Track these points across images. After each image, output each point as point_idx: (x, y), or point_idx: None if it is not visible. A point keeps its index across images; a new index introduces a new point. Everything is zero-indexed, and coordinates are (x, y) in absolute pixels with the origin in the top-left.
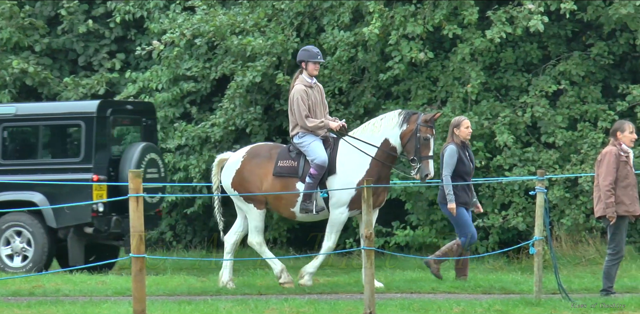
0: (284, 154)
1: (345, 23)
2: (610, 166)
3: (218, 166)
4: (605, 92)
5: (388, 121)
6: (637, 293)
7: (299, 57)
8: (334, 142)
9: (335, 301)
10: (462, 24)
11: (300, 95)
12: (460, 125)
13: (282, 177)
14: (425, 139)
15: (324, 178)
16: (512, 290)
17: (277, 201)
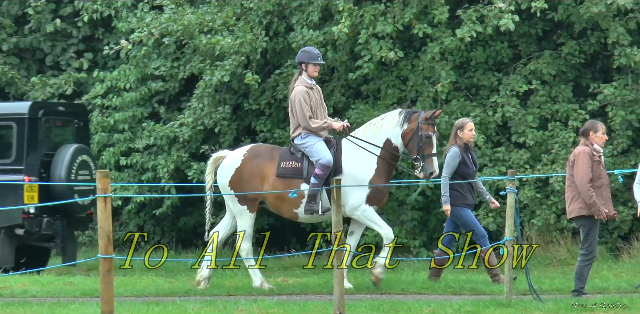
0: (287, 155)
1: (314, 22)
2: (586, 165)
3: (213, 165)
4: (576, 92)
5: (389, 121)
6: (609, 294)
7: (298, 59)
8: (337, 143)
9: (304, 302)
10: (432, 23)
11: (303, 96)
12: (464, 127)
13: (285, 178)
14: (427, 137)
15: (329, 178)
16: (483, 291)
17: (279, 202)
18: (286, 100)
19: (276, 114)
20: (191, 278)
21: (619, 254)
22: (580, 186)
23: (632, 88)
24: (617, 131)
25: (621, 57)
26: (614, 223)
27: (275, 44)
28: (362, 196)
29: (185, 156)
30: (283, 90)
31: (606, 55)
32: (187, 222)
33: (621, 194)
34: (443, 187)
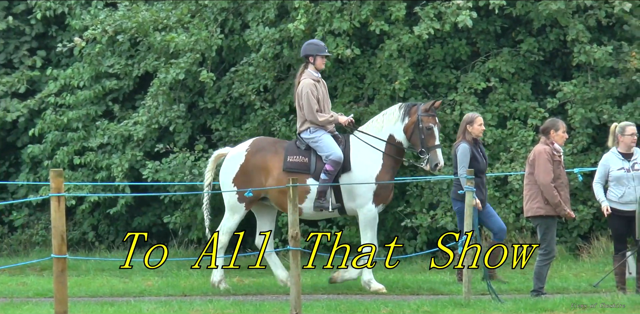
0: (293, 149)
1: (270, 19)
2: (547, 164)
3: (214, 162)
4: (535, 89)
5: (389, 116)
6: (568, 294)
7: (305, 52)
8: (345, 139)
9: (260, 302)
10: (389, 20)
11: (310, 89)
12: (473, 122)
13: (291, 173)
14: (428, 128)
15: (338, 175)
16: (441, 291)
17: (282, 197)
18: (242, 98)
19: (232, 113)
20: (145, 278)
21: (579, 254)
22: (543, 186)
23: (591, 86)
24: (576, 129)
25: (581, 55)
26: (574, 222)
27: (231, 42)
28: (369, 193)
29: (140, 155)
30: (238, 88)
31: (565, 52)
32: (141, 222)
33: (581, 193)
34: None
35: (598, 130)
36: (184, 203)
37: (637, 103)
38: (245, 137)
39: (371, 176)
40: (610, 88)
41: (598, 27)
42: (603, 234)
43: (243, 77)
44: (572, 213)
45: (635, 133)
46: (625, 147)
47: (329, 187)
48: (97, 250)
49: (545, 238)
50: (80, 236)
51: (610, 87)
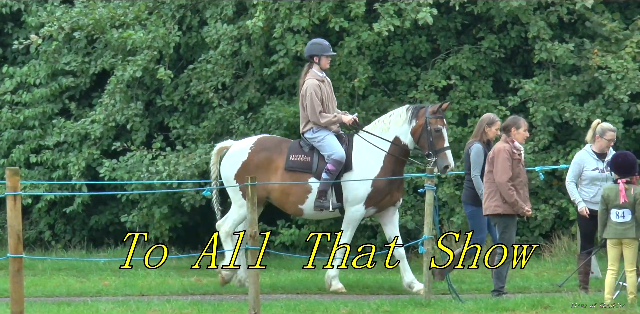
0: (296, 148)
1: (228, 16)
2: (505, 163)
3: (217, 155)
4: (496, 87)
5: (396, 118)
6: (530, 293)
7: (309, 52)
8: (348, 139)
9: (219, 302)
10: (348, 16)
11: (314, 89)
12: (492, 125)
13: (293, 172)
14: (437, 130)
15: (340, 175)
16: (401, 290)
17: (284, 197)
18: (200, 95)
19: (189, 110)
20: (102, 278)
21: (541, 253)
22: (499, 185)
23: (553, 83)
24: (538, 127)
25: (542, 52)
26: (535, 221)
27: (189, 39)
28: (363, 194)
29: (97, 153)
30: (196, 85)
31: (527, 49)
32: (98, 221)
33: (542, 191)
34: (478, 187)
35: (560, 128)
36: (142, 202)
37: (599, 101)
38: (203, 135)
39: (371, 176)
40: (572, 86)
41: (559, 24)
42: (565, 233)
43: (201, 74)
44: (529, 211)
45: (613, 139)
46: (600, 148)
47: (330, 187)
48: (54, 249)
49: (504, 236)
50: (37, 235)
51: (572, 85)
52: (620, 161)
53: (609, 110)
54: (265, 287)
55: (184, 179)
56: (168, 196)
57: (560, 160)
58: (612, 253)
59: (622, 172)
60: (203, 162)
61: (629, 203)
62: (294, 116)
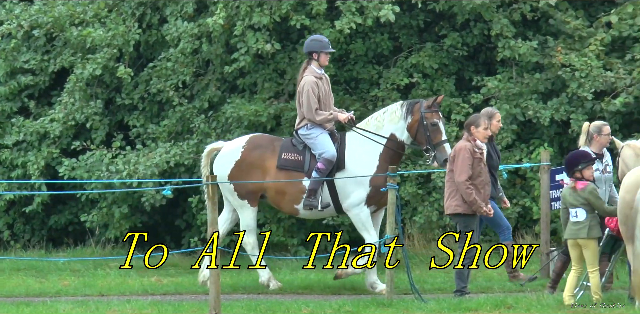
0: (288, 146)
1: (188, 14)
2: (466, 162)
3: (208, 157)
4: (459, 85)
5: (391, 115)
6: (493, 293)
7: (308, 48)
8: (341, 137)
9: (179, 302)
10: (310, 14)
11: (312, 87)
12: (492, 118)
13: (286, 171)
14: (433, 124)
15: (332, 173)
16: (363, 290)
17: (279, 196)
18: (160, 94)
19: (149, 109)
20: (62, 278)
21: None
22: (458, 184)
23: (516, 81)
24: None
25: (505, 50)
26: None
27: (149, 37)
28: (363, 195)
29: (56, 152)
30: (156, 84)
31: (490, 47)
32: (57, 221)
33: (505, 190)
34: None
35: (523, 126)
36: (101, 201)
37: (562, 99)
38: (163, 134)
39: (365, 178)
40: (535, 83)
41: (523, 21)
42: (528, 233)
43: (161, 72)
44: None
45: (610, 132)
46: (600, 147)
47: (320, 186)
48: (13, 249)
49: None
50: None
51: (536, 83)
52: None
53: (572, 108)
54: (226, 287)
55: (144, 179)
56: (128, 195)
57: (524, 159)
58: (573, 253)
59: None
60: (163, 162)
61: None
62: (255, 114)
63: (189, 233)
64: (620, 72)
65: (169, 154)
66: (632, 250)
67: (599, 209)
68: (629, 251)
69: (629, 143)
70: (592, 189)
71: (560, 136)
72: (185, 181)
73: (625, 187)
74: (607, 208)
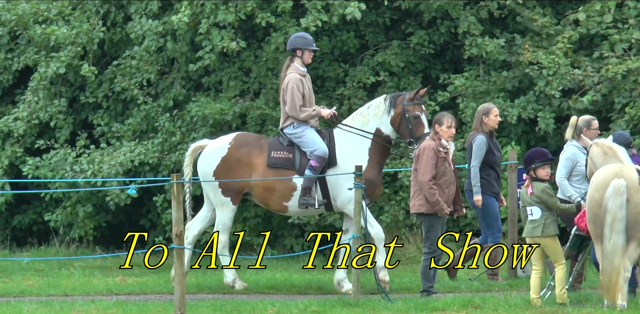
0: (277, 144)
1: (153, 11)
2: (429, 161)
3: (192, 156)
4: (426, 83)
5: (375, 109)
6: (460, 293)
7: (293, 45)
8: (329, 134)
9: (144, 302)
10: (275, 12)
11: (296, 84)
12: (489, 113)
13: (276, 169)
14: (415, 117)
15: (324, 171)
16: (330, 290)
17: (268, 193)
18: (124, 92)
19: (114, 107)
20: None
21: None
22: (421, 184)
23: (483, 79)
24: (468, 123)
25: (472, 47)
26: (466, 220)
27: (113, 35)
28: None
29: (20, 151)
30: (121, 82)
31: (456, 45)
32: (21, 220)
33: None
34: (474, 177)
35: None
36: (66, 201)
37: (530, 97)
38: (128, 132)
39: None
40: (503, 81)
41: (490, 19)
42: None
43: (125, 71)
44: (447, 210)
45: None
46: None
47: (314, 184)
48: None
49: (429, 235)
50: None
51: (503, 81)
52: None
53: (540, 106)
54: (191, 287)
55: (108, 178)
56: (92, 194)
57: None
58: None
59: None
60: (128, 161)
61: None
62: (220, 112)
63: (153, 232)
64: (588, 69)
65: (134, 153)
66: (601, 249)
67: (553, 207)
68: (598, 251)
69: (597, 141)
70: (544, 187)
71: (527, 135)
72: (150, 180)
73: (594, 186)
74: (561, 206)
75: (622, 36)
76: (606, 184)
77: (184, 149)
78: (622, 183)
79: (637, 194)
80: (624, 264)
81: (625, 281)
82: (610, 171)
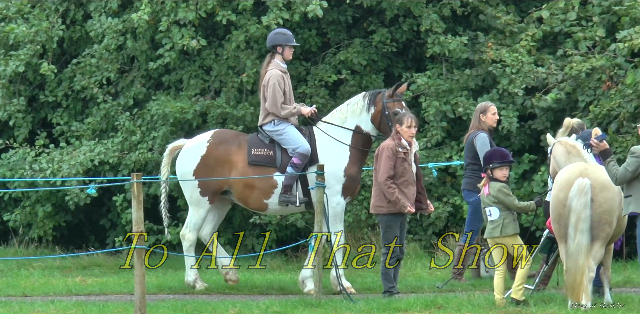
0: (257, 142)
1: (113, 9)
2: (388, 162)
3: (170, 156)
4: (388, 82)
5: (354, 107)
6: (423, 293)
7: (273, 41)
8: (310, 131)
9: (104, 303)
10: (236, 9)
11: (277, 80)
12: (487, 111)
13: (257, 167)
14: (395, 113)
15: (305, 168)
16: (291, 290)
17: (247, 191)
18: (84, 91)
19: (73, 106)
20: None
21: (434, 252)
22: (380, 184)
23: (446, 78)
24: (431, 122)
25: (435, 46)
26: (429, 219)
27: (73, 33)
28: (338, 187)
29: None
30: (81, 80)
31: (419, 43)
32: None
33: (435, 189)
34: None
35: (453, 124)
36: (25, 200)
37: (493, 95)
38: (87, 131)
39: (339, 168)
40: (466, 80)
41: (453, 17)
42: (459, 232)
43: (85, 69)
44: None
45: None
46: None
47: (295, 181)
48: None
49: (387, 236)
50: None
51: (466, 79)
52: None
53: (503, 104)
54: (151, 287)
55: (68, 177)
56: (52, 194)
57: (454, 156)
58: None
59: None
60: (87, 160)
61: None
62: (181, 111)
63: (113, 232)
64: (552, 67)
65: (93, 152)
66: (565, 249)
67: (511, 206)
68: (562, 251)
69: (560, 140)
70: (500, 187)
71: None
72: (110, 180)
73: (558, 185)
74: (519, 204)
75: (586, 34)
76: (570, 184)
77: (144, 148)
78: (587, 182)
79: (602, 194)
80: (589, 264)
81: (589, 281)
82: (574, 170)
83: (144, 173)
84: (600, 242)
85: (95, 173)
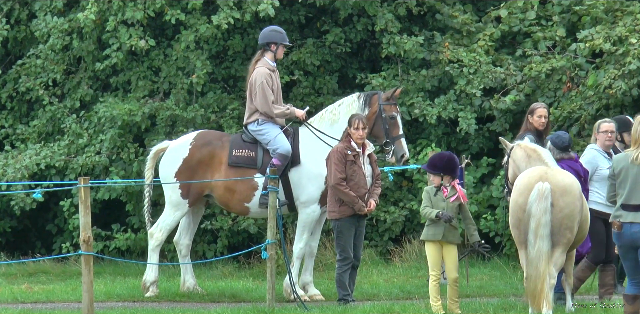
0: (239, 142)
1: (58, 8)
2: (337, 165)
3: (154, 159)
4: (342, 83)
5: (347, 107)
6: (379, 301)
7: (268, 38)
8: (294, 132)
9: (51, 310)
10: (185, 9)
11: (266, 78)
12: (534, 112)
13: (237, 168)
14: (392, 117)
15: (287, 169)
16: (244, 298)
17: (229, 194)
18: (29, 92)
19: (18, 108)
20: None
21: (390, 258)
22: (332, 187)
23: (402, 78)
24: None
25: (390, 46)
26: (385, 225)
27: (17, 33)
28: (317, 192)
29: None
30: (25, 82)
31: (374, 43)
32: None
33: (392, 193)
34: None
35: (409, 126)
36: None
37: (450, 96)
38: (33, 134)
39: (322, 172)
40: (422, 81)
41: (408, 16)
42: (415, 237)
43: (30, 70)
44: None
45: (610, 130)
46: (601, 144)
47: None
48: None
49: (339, 242)
50: None
51: (422, 80)
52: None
53: (460, 106)
54: (99, 294)
55: (13, 181)
56: None
57: (411, 160)
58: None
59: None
60: (33, 164)
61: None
62: (129, 113)
63: (60, 238)
64: (511, 68)
65: (39, 155)
66: (525, 256)
67: None
68: (522, 257)
69: (519, 143)
70: (425, 190)
71: (448, 136)
72: (56, 184)
73: (518, 189)
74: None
75: (545, 34)
76: (530, 188)
77: (92, 151)
78: (547, 187)
79: (562, 198)
80: (550, 271)
81: (550, 288)
82: (534, 174)
83: (92, 177)
84: (561, 248)
85: (41, 177)
